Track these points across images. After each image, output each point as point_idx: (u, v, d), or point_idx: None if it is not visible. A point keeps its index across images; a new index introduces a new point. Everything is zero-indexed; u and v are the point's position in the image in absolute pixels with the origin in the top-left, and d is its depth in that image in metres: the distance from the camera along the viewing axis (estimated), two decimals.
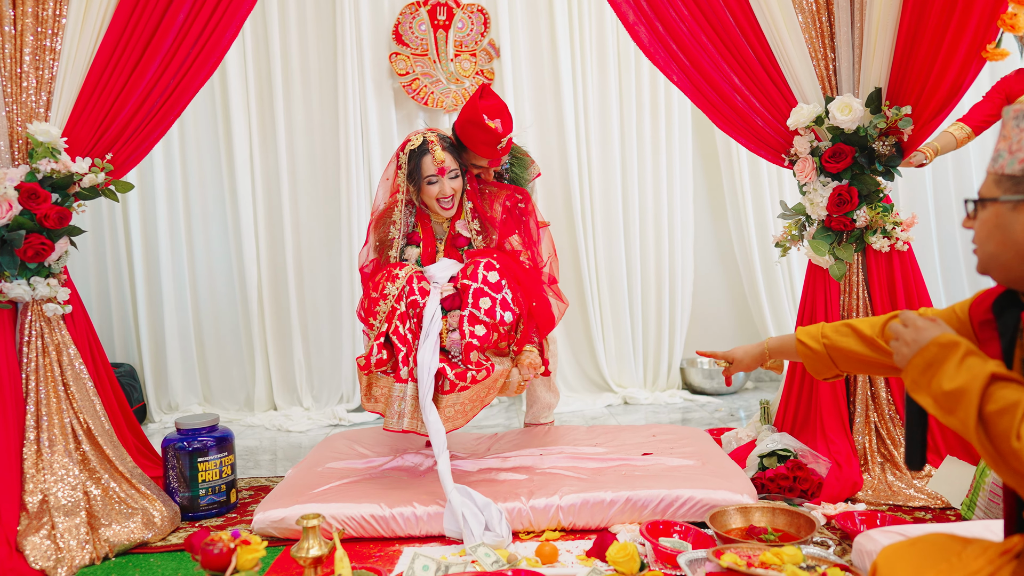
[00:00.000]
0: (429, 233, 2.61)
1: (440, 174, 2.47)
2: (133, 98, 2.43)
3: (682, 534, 2.00)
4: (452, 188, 2.50)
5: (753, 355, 1.93)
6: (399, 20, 3.90)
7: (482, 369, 2.33)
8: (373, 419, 3.87)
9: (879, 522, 2.03)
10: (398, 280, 2.41)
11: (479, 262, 2.42)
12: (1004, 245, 1.17)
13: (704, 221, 4.37)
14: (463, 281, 2.41)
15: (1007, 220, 1.16)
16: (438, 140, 2.49)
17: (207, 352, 4.11)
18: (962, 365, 1.12)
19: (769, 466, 2.43)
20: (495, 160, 2.58)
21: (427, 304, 2.36)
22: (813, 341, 1.70)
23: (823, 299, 2.58)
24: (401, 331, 2.34)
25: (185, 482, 2.42)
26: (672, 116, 4.13)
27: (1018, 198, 1.14)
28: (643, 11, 2.63)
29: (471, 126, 2.46)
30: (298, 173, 4.01)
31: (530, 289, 2.49)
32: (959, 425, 1.10)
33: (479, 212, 2.59)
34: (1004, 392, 1.06)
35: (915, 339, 1.19)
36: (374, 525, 2.11)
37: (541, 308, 2.51)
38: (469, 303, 2.36)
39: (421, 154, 2.47)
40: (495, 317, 2.36)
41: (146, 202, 3.97)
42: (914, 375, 1.17)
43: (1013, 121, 1.18)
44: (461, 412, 2.35)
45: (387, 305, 2.38)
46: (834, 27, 2.51)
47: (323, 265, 4.06)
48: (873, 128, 2.42)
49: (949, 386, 1.11)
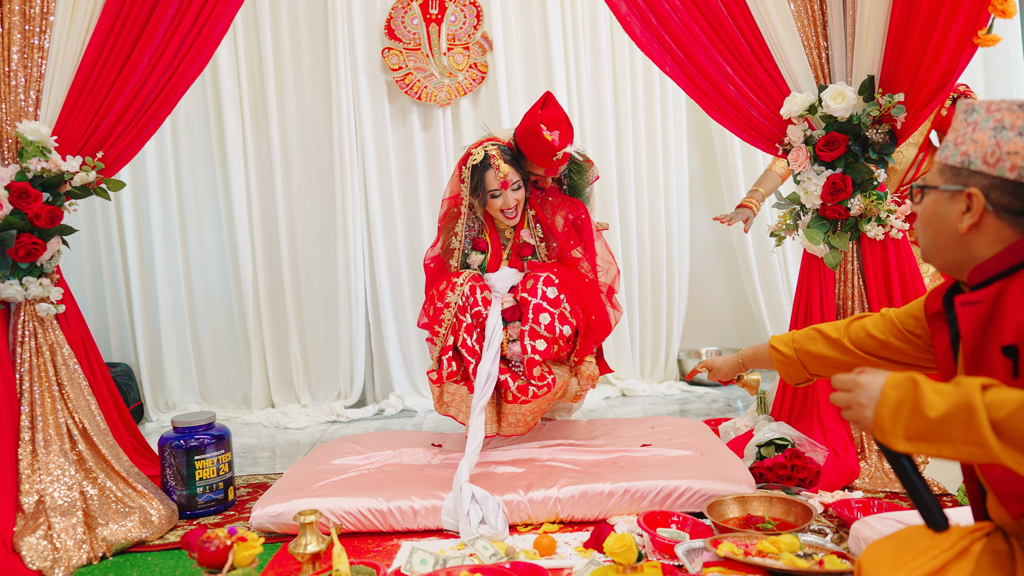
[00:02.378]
0: (496, 240, 2.66)
1: (503, 188, 2.53)
2: (123, 95, 2.42)
3: (680, 524, 2.00)
4: (515, 199, 2.57)
5: (731, 364, 2.02)
6: (391, 14, 3.89)
7: (543, 385, 2.46)
8: (372, 415, 3.87)
9: (875, 509, 2.03)
10: (458, 288, 2.50)
11: (538, 276, 2.50)
12: (940, 231, 1.23)
13: (700, 212, 4.37)
14: (522, 295, 2.49)
15: (945, 208, 1.21)
16: (499, 154, 2.54)
17: (203, 350, 4.11)
18: (938, 391, 1.08)
19: (767, 455, 2.43)
20: (552, 170, 2.63)
21: (489, 315, 2.46)
22: (785, 347, 1.75)
23: (818, 288, 2.58)
24: (469, 343, 2.47)
25: (182, 480, 2.41)
26: (667, 107, 4.12)
27: (955, 188, 1.19)
28: (635, 3, 2.62)
29: (529, 136, 2.50)
30: (292, 169, 4.00)
31: (588, 302, 2.56)
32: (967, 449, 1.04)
33: (541, 220, 2.64)
34: (1002, 395, 1.03)
35: (868, 396, 1.15)
36: (372, 519, 2.11)
37: (600, 320, 2.58)
38: (530, 318, 2.47)
39: (484, 169, 2.54)
40: (555, 332, 2.46)
41: (139, 200, 3.96)
42: (886, 426, 1.12)
43: (963, 115, 1.22)
44: (521, 421, 2.51)
45: (450, 314, 2.49)
46: (826, 15, 2.50)
47: (319, 261, 4.05)
48: (866, 116, 2.41)
49: (935, 414, 1.06)
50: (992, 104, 1.18)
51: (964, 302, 1.23)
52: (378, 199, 3.98)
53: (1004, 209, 1.16)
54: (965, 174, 1.19)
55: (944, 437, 1.06)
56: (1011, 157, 1.14)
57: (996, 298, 1.18)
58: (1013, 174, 1.14)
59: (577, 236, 2.66)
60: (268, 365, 4.06)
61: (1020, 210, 1.16)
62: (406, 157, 4.03)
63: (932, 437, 1.07)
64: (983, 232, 1.19)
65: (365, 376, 4.08)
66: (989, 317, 1.19)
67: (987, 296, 1.19)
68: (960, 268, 1.24)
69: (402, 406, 3.93)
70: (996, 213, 1.17)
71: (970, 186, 1.18)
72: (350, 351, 3.99)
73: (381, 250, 3.99)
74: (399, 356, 4.04)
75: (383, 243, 4.00)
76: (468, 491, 2.09)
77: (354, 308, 3.96)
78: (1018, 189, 1.15)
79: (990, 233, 1.18)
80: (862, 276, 2.54)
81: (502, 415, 2.50)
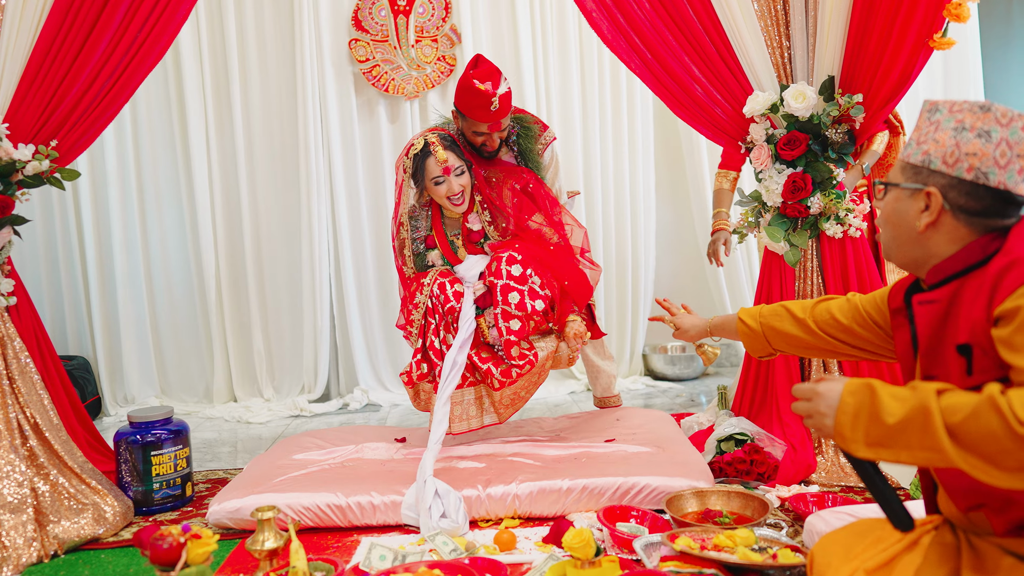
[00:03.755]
0: (441, 233, 2.65)
1: (445, 173, 2.53)
2: (79, 83, 2.36)
3: (639, 519, 2.02)
4: (460, 185, 2.55)
5: (699, 327, 2.00)
6: (358, 5, 3.84)
7: (525, 363, 2.47)
8: (336, 409, 3.84)
9: (830, 503, 2.07)
10: (425, 288, 2.52)
11: (501, 257, 2.51)
12: (899, 228, 1.25)
13: (666, 208, 4.40)
14: (490, 279, 2.50)
15: (905, 206, 1.23)
16: (439, 140, 2.54)
17: (164, 343, 4.04)
18: (895, 396, 1.10)
19: (727, 450, 2.45)
20: (495, 124, 2.59)
21: (463, 308, 2.47)
22: (752, 320, 1.76)
23: (778, 285, 2.61)
24: (436, 345, 2.48)
25: (138, 476, 2.37)
26: (634, 103, 4.14)
27: (915, 186, 1.21)
28: (603, 2, 2.63)
29: (464, 92, 2.52)
30: (256, 159, 3.94)
31: (559, 269, 2.56)
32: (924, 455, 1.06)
33: (487, 201, 2.63)
34: (956, 399, 1.05)
35: (827, 404, 1.16)
36: (331, 515, 2.09)
37: (575, 283, 2.58)
38: (499, 300, 2.47)
39: (424, 156, 2.53)
40: (526, 309, 2.48)
41: (98, 189, 3.87)
42: (846, 433, 1.13)
43: (927, 114, 1.24)
44: (516, 398, 2.55)
45: (419, 315, 2.50)
46: (789, 15, 2.53)
47: (283, 252, 4.00)
48: (826, 116, 2.45)
49: (893, 420, 1.08)
50: (955, 105, 1.20)
51: (921, 301, 1.25)
52: (344, 191, 3.95)
53: (961, 209, 1.18)
54: (925, 173, 1.21)
55: (902, 443, 1.07)
56: (969, 158, 1.16)
57: (952, 298, 1.20)
58: (970, 175, 1.16)
59: (532, 204, 2.65)
60: (230, 358, 4.01)
61: (976, 210, 1.18)
62: (373, 150, 4.00)
63: (891, 443, 1.08)
64: (940, 231, 1.21)
65: (329, 370, 4.04)
66: (945, 316, 1.21)
67: (943, 296, 1.21)
68: (919, 265, 1.26)
69: (367, 400, 3.90)
70: (953, 213, 1.19)
71: (929, 185, 1.20)
72: (314, 344, 3.95)
73: (346, 242, 3.96)
74: (364, 350, 4.01)
75: (348, 236, 3.97)
76: (432, 486, 2.08)
77: (319, 301, 3.93)
78: (975, 190, 1.17)
79: (947, 232, 1.20)
80: (821, 274, 2.58)
81: (495, 403, 2.52)
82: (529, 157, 2.76)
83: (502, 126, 2.63)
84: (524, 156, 2.77)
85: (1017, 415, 0.98)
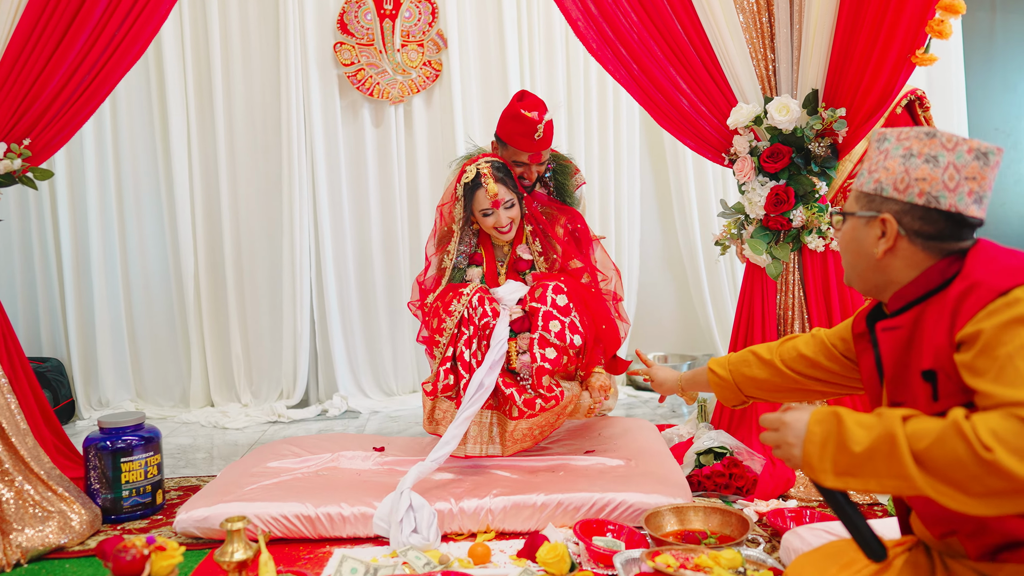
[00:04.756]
0: (491, 255, 2.61)
1: (494, 207, 2.49)
2: (54, 81, 2.32)
3: (615, 533, 2.00)
4: (508, 218, 2.51)
5: (671, 384, 2.05)
6: (344, 9, 3.81)
7: (551, 398, 2.35)
8: (314, 416, 3.79)
9: (808, 519, 2.06)
10: (464, 297, 2.42)
11: (547, 285, 2.44)
12: (859, 256, 1.27)
13: (650, 219, 4.39)
14: (532, 304, 2.42)
15: (862, 234, 1.26)
16: (491, 172, 2.49)
17: (140, 346, 3.97)
18: (861, 424, 1.09)
19: (706, 463, 2.44)
20: (536, 156, 2.61)
21: (497, 327, 2.37)
22: (721, 369, 1.77)
23: (760, 298, 2.60)
24: (466, 357, 2.37)
25: (107, 483, 2.32)
26: (620, 113, 4.13)
27: (870, 214, 1.24)
28: (591, 14, 2.63)
29: (510, 120, 2.56)
30: (238, 161, 3.89)
31: (597, 312, 2.50)
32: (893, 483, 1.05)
33: (540, 235, 2.59)
34: (922, 425, 1.04)
35: (795, 434, 1.16)
36: (300, 526, 2.05)
37: (610, 330, 2.52)
38: (539, 326, 2.38)
39: (475, 187, 2.49)
40: (565, 340, 2.38)
41: (76, 189, 3.81)
42: (815, 463, 1.12)
43: (876, 143, 1.27)
44: (528, 436, 2.41)
45: (452, 323, 2.40)
46: (774, 28, 2.53)
47: (264, 256, 3.95)
48: (809, 129, 2.45)
49: (859, 448, 1.07)
50: (902, 133, 1.23)
51: (884, 328, 1.26)
52: (326, 195, 3.91)
53: (916, 233, 1.20)
54: (878, 200, 1.23)
55: (870, 471, 1.07)
56: (919, 183, 1.19)
57: (914, 323, 1.21)
58: (921, 199, 1.19)
59: (576, 247, 2.63)
60: (208, 362, 3.95)
61: (931, 234, 1.20)
62: (356, 154, 3.96)
63: (859, 472, 1.08)
64: (898, 256, 1.23)
65: (309, 375, 3.99)
66: (908, 342, 1.21)
67: (905, 322, 1.22)
68: (881, 291, 1.28)
69: (346, 407, 3.86)
70: (909, 237, 1.21)
71: (883, 212, 1.22)
72: (294, 349, 3.90)
73: (328, 247, 3.92)
74: (344, 355, 3.97)
75: (331, 240, 3.93)
76: (408, 498, 2.04)
77: (299, 305, 3.88)
78: (927, 214, 1.19)
79: (905, 257, 1.22)
80: (803, 287, 2.58)
81: (505, 434, 2.39)
82: (565, 191, 2.78)
83: (542, 158, 2.65)
84: (559, 193, 2.78)
85: (982, 440, 0.97)
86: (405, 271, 4.00)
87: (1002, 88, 4.82)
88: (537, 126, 2.51)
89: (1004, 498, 0.97)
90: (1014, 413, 0.98)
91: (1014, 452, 0.95)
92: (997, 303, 1.07)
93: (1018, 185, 4.89)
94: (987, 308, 1.07)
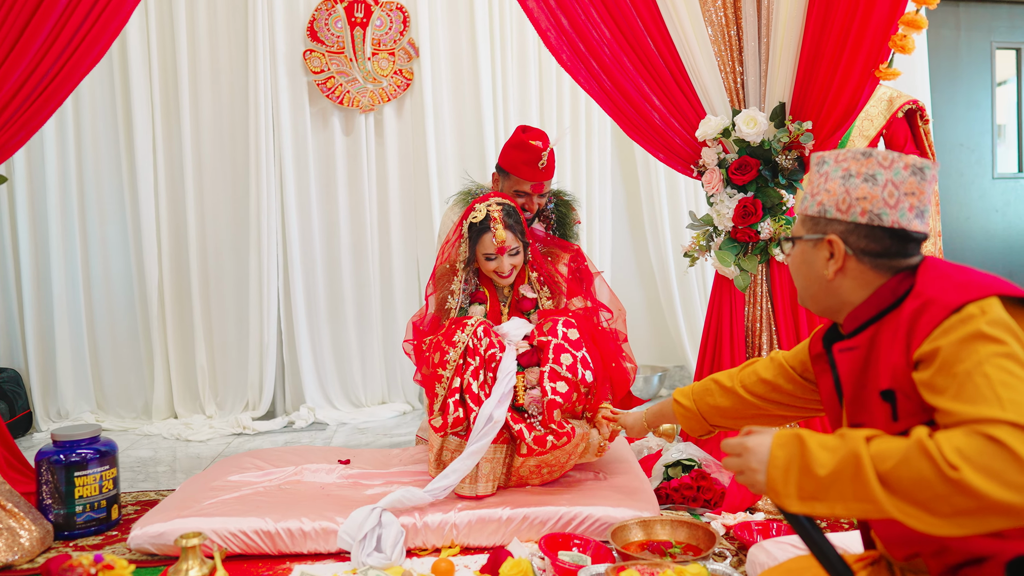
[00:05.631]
0: (494, 294, 2.53)
1: (499, 253, 2.39)
2: (8, 84, 2.25)
3: (582, 547, 1.97)
4: (511, 264, 2.42)
5: (638, 426, 2.04)
6: (314, 16, 3.78)
7: (563, 435, 2.21)
8: (280, 428, 3.72)
9: (775, 532, 2.05)
10: (468, 328, 2.30)
11: (557, 319, 2.35)
12: (809, 279, 1.28)
13: (622, 231, 4.39)
14: (541, 338, 2.33)
15: (809, 257, 1.27)
16: (501, 217, 2.38)
17: (101, 356, 3.87)
18: (825, 446, 1.07)
19: (674, 476, 2.43)
20: (539, 185, 2.59)
21: (504, 360, 2.27)
22: (686, 399, 1.75)
23: (728, 309, 2.61)
24: (474, 388, 2.24)
25: (60, 498, 2.24)
26: (592, 124, 4.14)
27: (816, 236, 1.25)
28: (563, 30, 2.63)
29: (514, 149, 2.58)
30: (204, 168, 3.83)
31: (606, 349, 2.43)
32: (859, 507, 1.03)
33: (546, 277, 2.52)
34: (885, 446, 1.02)
35: (758, 459, 1.12)
36: (259, 542, 2.00)
37: (619, 369, 2.45)
38: (550, 359, 2.28)
39: (482, 230, 2.38)
40: (577, 374, 2.27)
41: (36, 194, 3.72)
42: (779, 488, 1.10)
43: (816, 167, 1.28)
44: (536, 473, 2.29)
45: (456, 353, 2.27)
46: (743, 41, 2.54)
47: (230, 264, 3.88)
48: (777, 142, 2.46)
49: (824, 471, 1.05)
50: (840, 155, 1.24)
51: (841, 349, 1.26)
52: (295, 204, 3.86)
53: (863, 252, 1.21)
54: (823, 222, 1.24)
55: (835, 495, 1.04)
56: (860, 202, 1.20)
57: (870, 343, 1.21)
58: (864, 218, 1.20)
59: (579, 285, 2.57)
60: (172, 373, 3.86)
61: (878, 252, 1.20)
62: (326, 162, 3.92)
63: (824, 495, 1.05)
64: (849, 276, 1.23)
65: (275, 387, 3.92)
66: (865, 362, 1.21)
67: (861, 342, 1.22)
68: (835, 312, 1.28)
69: (313, 419, 3.79)
70: (857, 257, 1.21)
71: (829, 233, 1.23)
72: (260, 359, 3.83)
73: (296, 256, 3.86)
74: (312, 366, 3.90)
75: (299, 249, 3.87)
76: (377, 514, 1.99)
77: (266, 315, 3.81)
78: (872, 232, 1.20)
79: (855, 277, 1.23)
80: (771, 299, 2.59)
81: (514, 468, 2.27)
82: (566, 225, 2.75)
83: (544, 189, 2.63)
84: (559, 226, 2.74)
85: (948, 459, 0.96)
86: (375, 281, 3.96)
87: (966, 105, 4.92)
88: (542, 154, 2.52)
89: (970, 517, 0.96)
90: (978, 430, 0.97)
91: (980, 470, 0.94)
92: (951, 320, 1.07)
93: (982, 200, 4.98)
94: (942, 325, 1.07)
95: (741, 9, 2.52)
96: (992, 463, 0.94)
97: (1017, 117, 5.09)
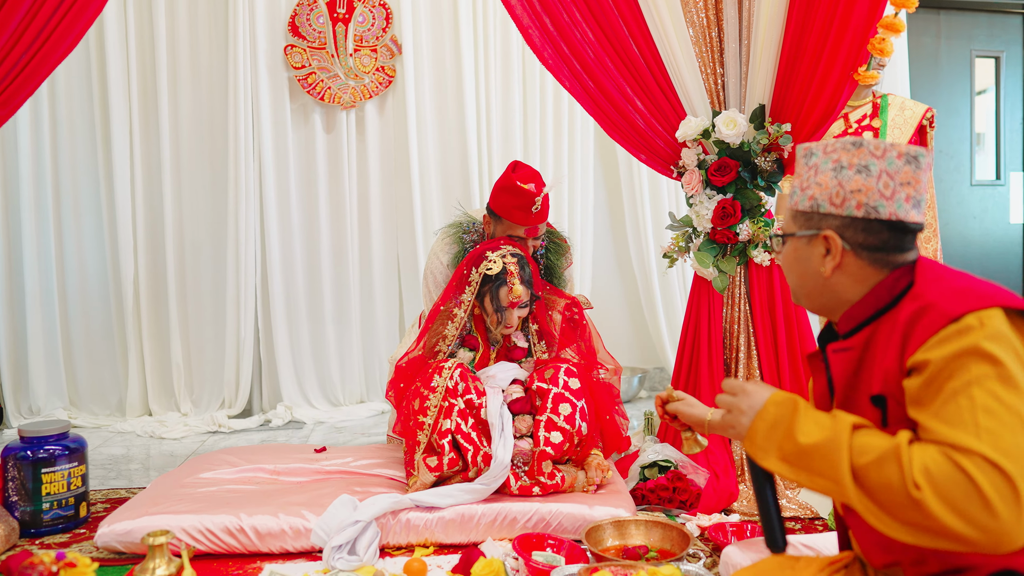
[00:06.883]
0: (485, 340, 2.47)
1: (511, 307, 2.33)
2: None
3: (556, 548, 1.96)
4: (518, 317, 2.37)
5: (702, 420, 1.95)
6: (296, 11, 3.75)
7: (550, 486, 2.17)
8: (257, 426, 3.68)
9: (749, 533, 2.05)
10: (445, 371, 2.24)
11: (559, 367, 2.30)
12: (804, 276, 1.23)
13: (603, 231, 4.39)
14: (541, 384, 2.27)
15: (804, 253, 1.22)
16: (518, 272, 2.32)
17: (75, 351, 3.81)
18: (815, 419, 1.08)
19: (650, 477, 2.43)
20: (533, 229, 2.48)
21: (489, 404, 2.22)
22: None
23: (707, 311, 2.61)
24: (464, 428, 2.18)
25: (27, 495, 2.20)
26: (575, 123, 4.13)
27: (810, 233, 1.20)
28: (547, 30, 2.62)
29: (505, 193, 2.44)
30: (182, 163, 3.79)
31: (601, 402, 2.38)
32: (825, 484, 1.05)
33: (544, 331, 2.46)
34: (869, 440, 1.03)
35: (750, 404, 1.15)
36: (228, 540, 1.97)
37: (612, 423, 2.40)
38: (548, 408, 2.23)
39: (498, 284, 2.32)
40: (574, 425, 2.22)
41: (9, 186, 3.66)
42: (758, 440, 1.11)
43: (803, 160, 1.23)
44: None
45: (437, 398, 2.21)
46: (724, 43, 2.55)
47: (207, 260, 3.84)
48: (756, 144, 2.46)
49: (806, 440, 1.06)
50: (828, 146, 1.19)
51: (836, 349, 1.22)
52: (274, 199, 3.82)
53: (861, 247, 1.17)
54: (817, 218, 1.19)
55: (806, 465, 1.06)
56: (855, 195, 1.15)
57: (865, 345, 1.17)
58: (860, 211, 1.15)
59: (573, 333, 2.49)
60: (147, 369, 3.81)
61: (876, 245, 1.16)
62: (306, 159, 3.89)
63: (797, 462, 1.07)
64: (846, 273, 1.18)
65: (252, 384, 3.88)
66: (859, 365, 1.18)
67: (856, 343, 1.18)
68: (831, 310, 1.24)
69: (290, 417, 3.76)
70: (855, 252, 1.17)
71: (824, 229, 1.18)
72: (237, 357, 3.79)
73: (275, 253, 3.83)
74: (290, 364, 3.87)
75: (278, 246, 3.84)
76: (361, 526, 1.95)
77: (243, 312, 3.77)
78: (869, 225, 1.15)
79: (852, 273, 1.18)
80: (749, 300, 2.59)
81: None
82: (554, 273, 2.68)
83: (539, 232, 2.53)
84: (549, 271, 2.68)
85: (914, 477, 0.96)
86: (355, 279, 3.93)
87: (946, 112, 4.96)
88: (535, 199, 2.39)
89: (924, 533, 0.97)
90: (950, 455, 0.96)
91: (941, 497, 0.94)
92: (949, 330, 1.03)
93: (960, 207, 5.03)
94: (939, 335, 1.03)
95: (723, 11, 2.52)
96: (954, 493, 0.94)
97: (996, 124, 5.15)
